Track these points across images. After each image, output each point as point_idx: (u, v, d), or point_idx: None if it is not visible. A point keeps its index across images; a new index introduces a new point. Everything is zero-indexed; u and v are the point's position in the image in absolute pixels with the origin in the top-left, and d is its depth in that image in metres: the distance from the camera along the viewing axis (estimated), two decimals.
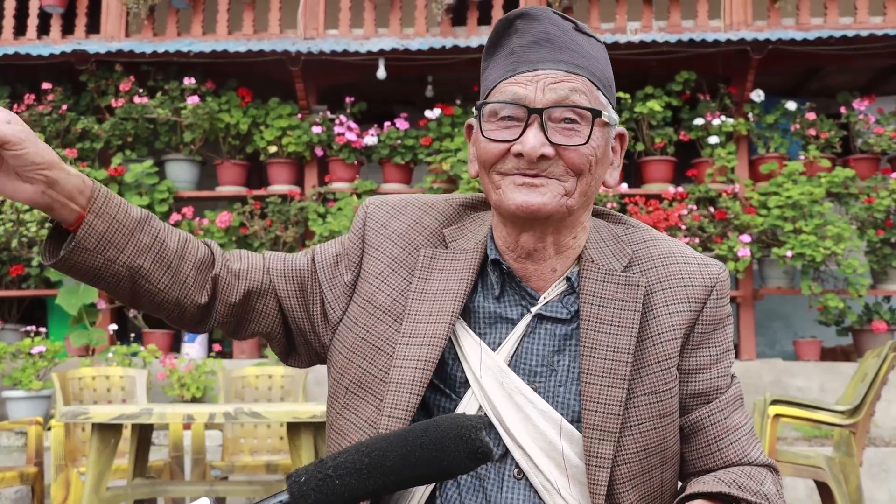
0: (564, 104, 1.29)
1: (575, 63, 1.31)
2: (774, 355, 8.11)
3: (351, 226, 1.48)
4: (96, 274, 1.30)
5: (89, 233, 1.26)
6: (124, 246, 1.29)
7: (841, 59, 7.36)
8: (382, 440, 0.95)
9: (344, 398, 1.39)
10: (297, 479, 0.92)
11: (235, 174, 7.63)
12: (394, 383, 1.31)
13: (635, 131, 7.39)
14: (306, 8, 7.75)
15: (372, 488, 0.94)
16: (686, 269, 1.39)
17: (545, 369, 1.33)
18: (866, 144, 7.31)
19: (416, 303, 1.36)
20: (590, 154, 1.30)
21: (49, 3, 7.88)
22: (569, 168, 1.30)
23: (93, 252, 1.27)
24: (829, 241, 6.62)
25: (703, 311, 1.37)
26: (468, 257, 1.39)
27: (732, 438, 1.37)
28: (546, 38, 1.32)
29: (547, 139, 1.28)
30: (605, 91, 1.35)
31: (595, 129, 1.30)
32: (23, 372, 6.44)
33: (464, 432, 0.94)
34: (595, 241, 1.40)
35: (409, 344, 1.33)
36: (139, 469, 3.85)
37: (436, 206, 1.46)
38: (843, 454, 4.17)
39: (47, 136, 7.43)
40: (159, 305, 1.37)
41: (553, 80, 1.29)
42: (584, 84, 1.31)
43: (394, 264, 1.40)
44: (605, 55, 1.38)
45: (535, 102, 1.29)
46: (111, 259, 1.28)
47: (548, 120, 1.28)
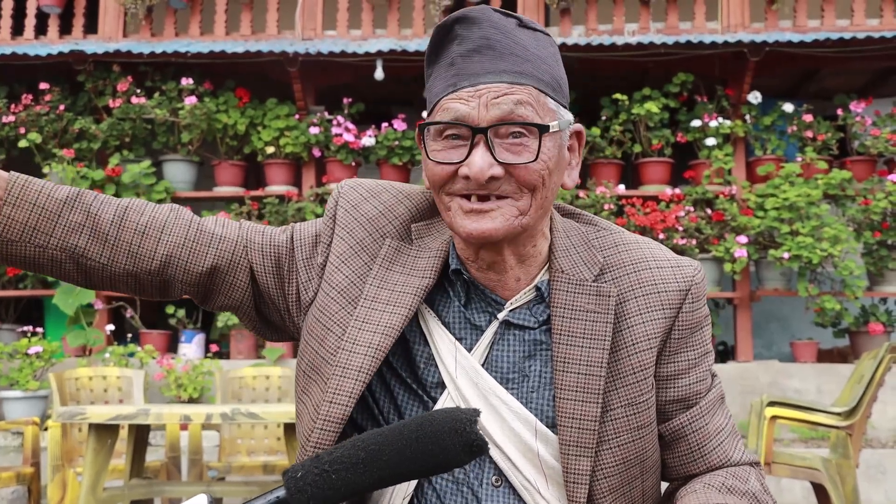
0: (509, 121, 1.22)
1: (518, 71, 1.23)
2: (771, 357, 8.13)
3: (325, 207, 1.44)
4: (33, 262, 1.28)
5: (10, 225, 1.25)
6: (52, 230, 1.27)
7: (838, 61, 7.37)
8: (378, 434, 0.96)
9: (303, 382, 1.35)
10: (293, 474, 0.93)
11: (233, 175, 7.63)
12: (340, 367, 1.27)
13: (632, 133, 7.39)
14: (304, 9, 7.75)
15: (368, 482, 0.94)
16: (659, 273, 1.34)
17: (517, 375, 1.30)
18: (863, 146, 7.32)
19: (374, 289, 1.31)
20: (541, 169, 1.24)
21: (46, 3, 7.88)
22: (520, 185, 1.24)
23: (20, 242, 1.26)
24: (825, 243, 6.63)
25: (679, 315, 1.33)
26: (431, 255, 1.34)
27: (715, 443, 1.34)
28: (486, 45, 1.24)
29: (495, 158, 1.22)
30: (555, 93, 1.27)
31: (545, 141, 1.23)
32: (20, 372, 6.44)
33: (459, 426, 0.94)
34: (565, 247, 1.34)
35: (362, 329, 1.28)
36: (136, 469, 3.85)
37: (411, 197, 1.41)
38: (840, 456, 4.18)
39: (45, 135, 7.42)
40: (112, 280, 1.34)
41: (496, 94, 1.22)
42: (530, 94, 1.23)
43: (357, 247, 1.35)
44: (552, 50, 1.29)
45: (478, 121, 1.22)
46: (42, 245, 1.27)
47: (494, 138, 1.22)
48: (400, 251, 1.35)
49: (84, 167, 7.32)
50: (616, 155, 7.37)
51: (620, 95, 7.26)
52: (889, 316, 7.04)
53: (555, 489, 1.27)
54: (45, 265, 1.29)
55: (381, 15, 7.99)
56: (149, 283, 1.35)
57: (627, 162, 7.58)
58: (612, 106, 7.39)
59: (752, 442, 4.31)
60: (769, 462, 4.08)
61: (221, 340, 7.76)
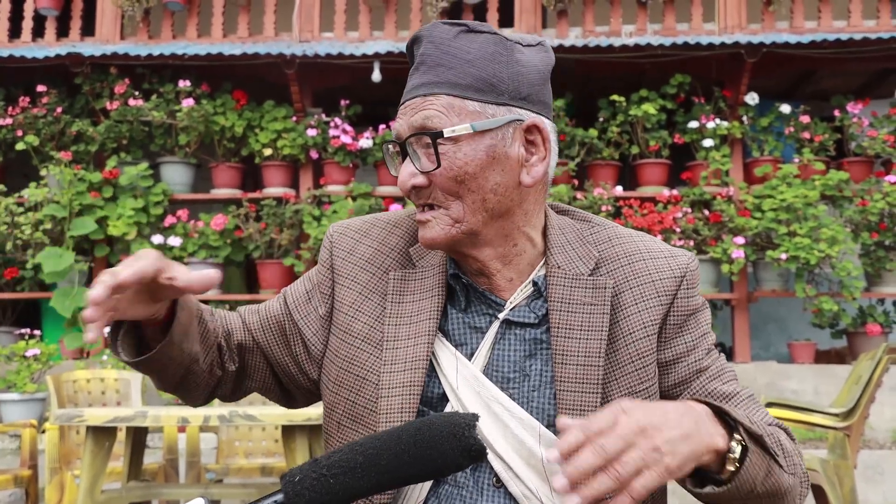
0: (416, 131, 1.28)
1: (435, 82, 1.28)
2: (769, 358, 8.13)
3: (319, 257, 1.46)
4: (166, 365, 1.31)
5: (177, 326, 1.27)
6: (194, 334, 1.33)
7: (835, 62, 7.38)
8: (376, 439, 0.95)
9: (338, 433, 1.38)
10: (291, 478, 0.93)
11: (230, 177, 7.63)
12: (384, 413, 1.30)
13: (630, 134, 7.40)
14: (301, 11, 7.75)
15: (366, 487, 0.94)
16: (653, 263, 1.36)
17: (518, 374, 1.31)
18: (860, 147, 7.33)
19: (393, 328, 1.34)
20: (455, 173, 1.26)
21: (44, 6, 7.87)
22: (444, 192, 1.28)
23: (176, 345, 1.29)
24: (823, 244, 6.63)
25: (674, 302, 1.34)
26: (436, 272, 1.37)
27: (732, 404, 1.31)
28: (422, 62, 1.31)
29: (417, 168, 1.28)
30: (480, 94, 1.27)
31: (451, 145, 1.26)
32: (17, 375, 6.43)
33: (457, 430, 0.94)
34: (561, 244, 1.36)
35: (393, 371, 1.32)
36: (134, 472, 3.85)
37: (400, 225, 1.44)
38: (838, 457, 4.18)
39: (42, 138, 7.42)
40: (195, 386, 1.40)
41: (413, 109, 1.29)
42: (441, 103, 1.27)
43: (365, 291, 1.39)
44: (492, 50, 1.29)
45: (402, 135, 1.30)
46: (184, 349, 1.31)
47: (417, 148, 1.29)
48: (405, 279, 1.38)
49: (81, 169, 7.32)
50: (613, 156, 7.37)
51: (618, 97, 7.27)
52: (887, 317, 7.04)
53: (560, 498, 1.26)
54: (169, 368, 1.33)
55: (378, 17, 7.99)
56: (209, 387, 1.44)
57: (625, 163, 7.58)
58: (609, 107, 7.39)
59: None
60: None
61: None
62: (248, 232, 7.19)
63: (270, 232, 7.19)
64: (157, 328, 1.29)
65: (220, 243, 7.20)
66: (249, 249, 7.30)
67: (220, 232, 7.18)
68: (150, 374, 1.35)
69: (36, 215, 7.12)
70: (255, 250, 7.27)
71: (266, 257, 7.29)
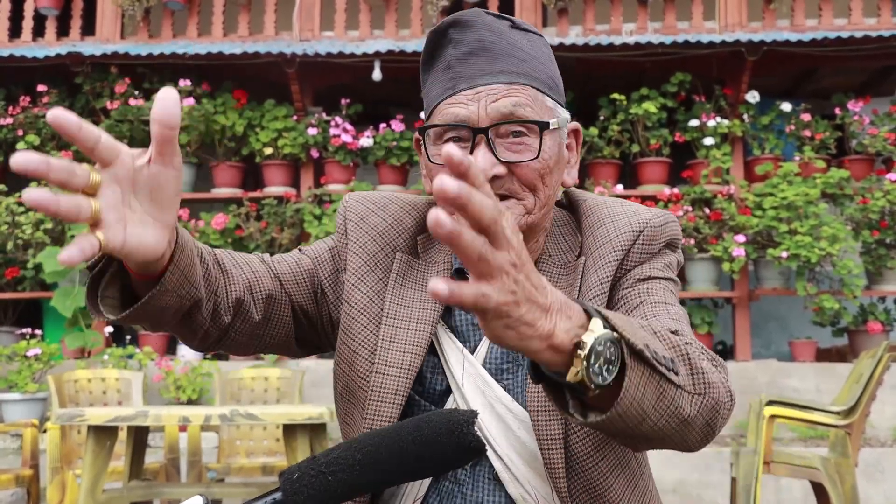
0: (509, 120, 1.23)
1: (515, 72, 1.25)
2: (770, 356, 8.13)
3: (335, 224, 1.43)
4: (161, 312, 1.11)
5: (174, 270, 1.07)
6: (195, 278, 1.13)
7: (835, 60, 7.37)
8: (375, 436, 0.95)
9: (342, 405, 1.36)
10: (289, 476, 0.93)
11: (231, 176, 7.63)
12: (375, 391, 1.27)
13: (630, 133, 7.40)
14: (302, 10, 7.75)
15: (365, 484, 0.94)
16: (613, 226, 1.32)
17: (511, 365, 1.30)
18: (861, 145, 7.32)
19: (394, 307, 1.32)
20: (542, 167, 1.25)
21: (44, 5, 7.88)
22: (523, 184, 1.25)
23: (172, 292, 1.09)
24: (824, 242, 6.63)
25: (628, 255, 1.30)
26: (440, 269, 1.35)
27: (651, 311, 1.22)
28: (482, 48, 1.26)
29: (497, 158, 1.23)
30: (551, 92, 1.29)
31: (546, 139, 1.25)
32: (18, 374, 6.43)
33: (456, 427, 0.94)
34: (554, 235, 1.37)
35: (391, 349, 1.29)
36: (135, 471, 3.85)
37: (417, 208, 1.41)
38: (839, 455, 4.18)
39: (43, 137, 7.42)
40: (193, 331, 1.23)
41: (494, 95, 1.24)
42: (528, 94, 1.25)
43: (371, 262, 1.35)
44: (546, 51, 1.31)
45: (478, 121, 1.23)
46: (182, 295, 1.11)
47: (495, 137, 1.24)
48: (410, 265, 1.36)
49: None
50: (614, 155, 7.37)
51: (618, 95, 7.26)
52: (887, 315, 7.04)
53: (559, 499, 1.26)
54: (167, 315, 1.13)
55: (378, 16, 7.98)
56: (213, 334, 1.25)
57: (625, 162, 7.58)
58: (609, 106, 7.39)
59: (751, 441, 4.31)
60: (768, 461, 4.08)
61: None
62: (248, 231, 7.20)
63: (271, 231, 7.19)
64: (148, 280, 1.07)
65: (220, 242, 7.20)
66: (250, 249, 7.30)
67: (220, 231, 7.18)
68: (136, 324, 1.15)
69: (37, 215, 7.12)
70: (256, 249, 7.27)
71: None
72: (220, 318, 1.25)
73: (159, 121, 0.93)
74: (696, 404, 1.02)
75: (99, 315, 1.09)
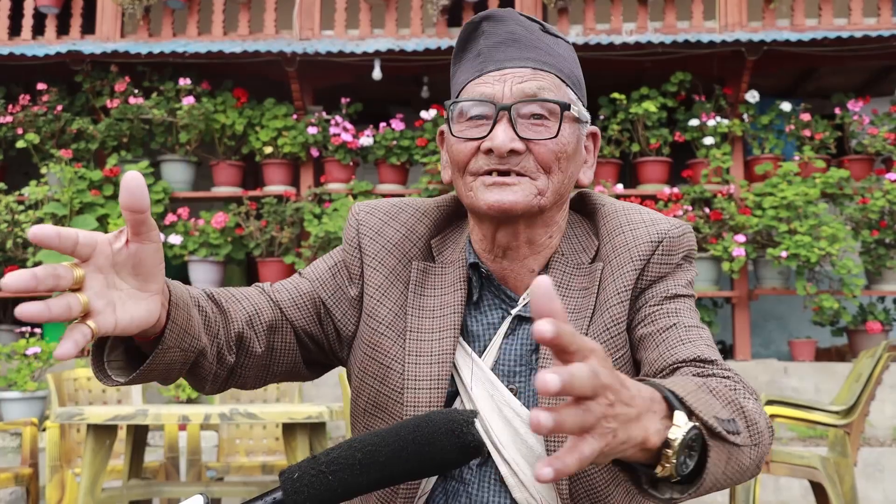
0: (532, 99, 1.28)
1: (542, 60, 1.31)
2: (769, 355, 8.13)
3: (343, 236, 1.43)
4: (168, 367, 1.13)
5: (172, 328, 1.09)
6: (198, 331, 1.16)
7: (835, 60, 7.37)
8: (375, 436, 0.95)
9: (363, 420, 1.37)
10: (290, 475, 0.93)
11: (231, 175, 7.63)
12: (410, 406, 1.30)
13: (630, 132, 7.40)
14: (302, 9, 7.75)
15: (365, 483, 0.94)
16: (632, 234, 1.35)
17: (524, 368, 1.32)
18: (861, 145, 7.32)
19: (416, 320, 1.34)
20: (559, 150, 1.29)
21: (44, 4, 7.87)
22: (538, 163, 1.28)
23: (175, 348, 1.11)
24: (823, 242, 6.63)
25: (648, 266, 1.32)
26: (455, 268, 1.37)
27: (692, 335, 1.25)
28: (512, 38, 1.32)
29: (517, 134, 1.27)
30: (575, 88, 1.34)
31: (564, 124, 1.29)
32: (18, 373, 6.44)
33: (455, 427, 0.94)
34: (568, 236, 1.39)
35: (418, 363, 1.31)
36: (134, 470, 3.85)
37: (428, 213, 1.44)
38: (838, 454, 4.18)
39: (42, 136, 7.42)
40: (196, 374, 1.23)
41: (520, 77, 1.29)
42: (552, 81, 1.30)
43: (391, 276, 1.38)
44: (573, 55, 1.38)
45: (502, 99, 1.28)
46: (186, 348, 1.13)
47: (517, 116, 1.28)
48: (426, 272, 1.38)
49: (82, 167, 7.32)
50: (614, 154, 7.37)
51: (618, 95, 7.26)
52: (887, 314, 7.04)
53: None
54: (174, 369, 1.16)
55: (378, 15, 7.98)
56: (221, 376, 1.28)
57: (625, 161, 7.58)
58: (610, 105, 7.39)
59: None
60: (767, 461, 4.09)
61: None
62: (248, 230, 7.20)
63: (271, 230, 7.19)
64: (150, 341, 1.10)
65: (220, 241, 7.20)
66: (250, 247, 7.30)
67: (220, 230, 7.18)
68: (147, 382, 1.16)
69: (36, 213, 7.12)
70: (256, 248, 7.27)
71: (267, 255, 7.30)
72: (224, 359, 1.26)
73: (128, 208, 0.97)
74: (753, 455, 1.08)
75: (108, 380, 1.10)
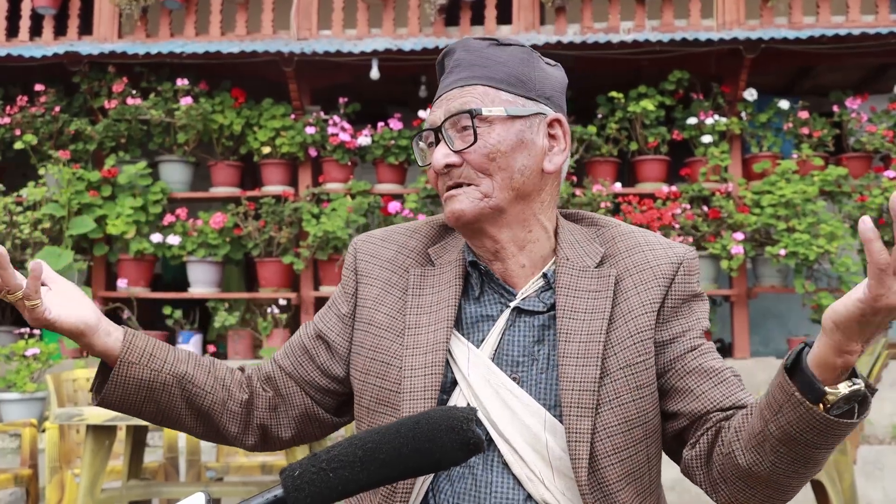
0: (451, 114, 1.40)
1: (473, 76, 1.42)
2: (768, 354, 8.14)
3: (343, 266, 1.59)
4: (147, 386, 1.40)
5: (131, 349, 1.39)
6: (165, 356, 1.43)
7: (833, 57, 7.37)
8: (375, 433, 0.96)
9: (368, 418, 1.46)
10: (290, 473, 0.93)
11: (229, 175, 7.62)
12: (407, 393, 1.39)
13: (629, 131, 7.40)
14: (299, 9, 7.75)
15: (365, 480, 0.95)
16: (652, 254, 1.46)
17: (526, 359, 1.40)
18: (859, 143, 7.33)
19: (415, 317, 1.44)
20: (489, 151, 1.39)
21: (41, 5, 7.87)
22: (476, 170, 1.39)
23: (138, 364, 1.39)
24: (822, 240, 6.63)
25: (672, 286, 1.44)
26: (453, 267, 1.48)
27: (720, 379, 1.41)
28: (456, 65, 1.45)
29: (450, 149, 1.40)
30: (512, 88, 1.42)
31: (487, 126, 1.39)
32: (17, 374, 6.43)
33: (455, 424, 0.95)
34: (570, 241, 1.48)
35: (415, 354, 1.41)
36: (134, 471, 3.85)
37: (420, 230, 1.56)
38: (838, 452, 4.18)
39: (40, 137, 7.41)
40: (208, 409, 1.46)
41: (450, 98, 1.42)
42: (478, 91, 1.41)
43: (387, 286, 1.49)
44: (521, 56, 1.45)
45: (436, 122, 1.42)
46: (157, 369, 1.40)
47: (449, 131, 1.41)
48: (425, 275, 1.49)
49: (80, 168, 7.31)
50: (612, 153, 7.37)
51: (616, 93, 7.26)
52: None
53: (561, 482, 1.35)
54: (155, 389, 1.42)
55: (376, 14, 7.98)
56: (237, 413, 1.50)
57: (624, 160, 7.58)
58: (607, 104, 7.39)
59: None
60: None
61: (219, 341, 7.76)
62: (247, 230, 7.19)
63: (269, 230, 7.19)
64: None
65: (218, 242, 7.20)
66: (248, 248, 7.30)
67: (218, 230, 7.17)
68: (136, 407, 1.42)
69: (34, 214, 7.12)
70: (255, 248, 7.27)
71: (265, 255, 7.29)
72: (234, 395, 1.50)
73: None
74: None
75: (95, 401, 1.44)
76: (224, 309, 7.20)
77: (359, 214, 7.10)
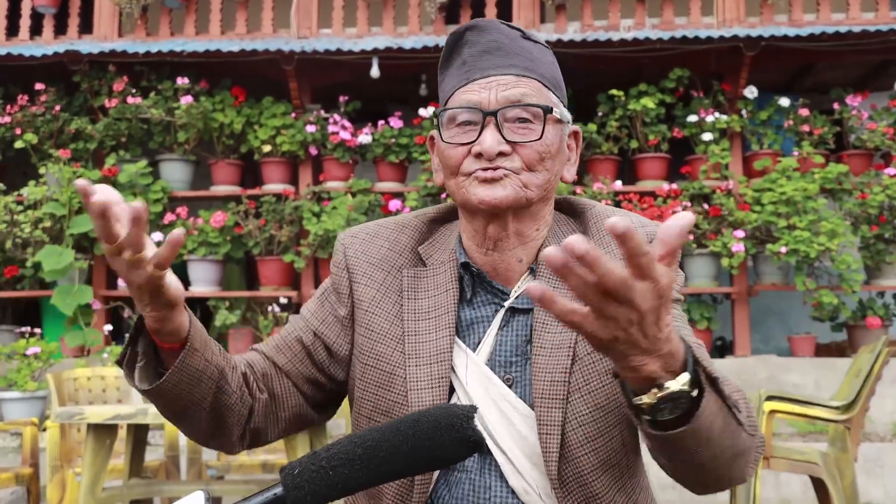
0: (516, 104, 1.36)
1: (524, 67, 1.39)
2: (769, 351, 8.13)
3: (332, 263, 1.53)
4: (197, 377, 1.27)
5: (194, 332, 1.25)
6: (213, 346, 1.32)
7: (834, 55, 7.37)
8: (375, 431, 0.96)
9: (367, 427, 1.42)
10: (290, 471, 0.93)
11: (230, 174, 7.62)
12: (415, 406, 1.36)
13: (629, 129, 7.39)
14: (299, 7, 7.74)
15: (365, 478, 0.94)
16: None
17: (519, 358, 1.38)
18: (859, 140, 7.32)
19: (412, 323, 1.41)
20: (543, 150, 1.37)
21: (42, 4, 7.87)
22: (525, 164, 1.36)
23: (200, 352, 1.26)
24: (822, 237, 6.63)
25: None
26: (447, 269, 1.45)
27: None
28: (496, 47, 1.40)
29: (503, 138, 1.35)
30: (556, 92, 1.42)
31: (548, 126, 1.37)
32: (18, 373, 6.43)
33: (455, 421, 0.95)
34: (555, 233, 1.47)
35: (419, 364, 1.38)
36: (135, 469, 3.85)
37: (409, 225, 1.52)
38: (838, 450, 4.18)
39: (41, 136, 7.42)
40: (227, 408, 1.35)
41: (505, 84, 1.37)
42: (535, 86, 1.38)
43: (382, 289, 1.46)
44: (552, 59, 1.46)
45: (489, 105, 1.36)
46: (209, 360, 1.28)
47: (503, 120, 1.36)
48: (418, 276, 1.46)
49: (80, 167, 7.32)
50: (613, 151, 7.37)
51: (616, 91, 7.26)
52: (886, 309, 7.04)
53: (551, 486, 1.33)
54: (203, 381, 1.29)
55: (376, 13, 7.98)
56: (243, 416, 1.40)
57: (624, 157, 7.58)
58: (608, 102, 7.39)
59: None
60: (768, 456, 4.08)
61: (219, 339, 7.76)
62: (247, 229, 7.20)
63: (270, 228, 7.19)
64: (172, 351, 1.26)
65: (219, 240, 7.20)
66: (249, 246, 7.30)
67: (219, 229, 7.17)
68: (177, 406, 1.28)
69: (35, 213, 7.12)
70: (255, 247, 7.27)
71: (266, 254, 7.30)
72: (243, 396, 1.39)
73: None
74: (748, 443, 1.18)
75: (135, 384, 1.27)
76: (225, 307, 7.20)
77: (359, 213, 7.10)
